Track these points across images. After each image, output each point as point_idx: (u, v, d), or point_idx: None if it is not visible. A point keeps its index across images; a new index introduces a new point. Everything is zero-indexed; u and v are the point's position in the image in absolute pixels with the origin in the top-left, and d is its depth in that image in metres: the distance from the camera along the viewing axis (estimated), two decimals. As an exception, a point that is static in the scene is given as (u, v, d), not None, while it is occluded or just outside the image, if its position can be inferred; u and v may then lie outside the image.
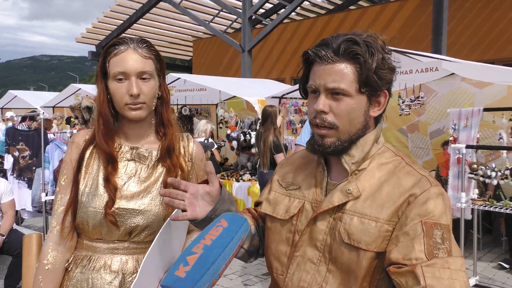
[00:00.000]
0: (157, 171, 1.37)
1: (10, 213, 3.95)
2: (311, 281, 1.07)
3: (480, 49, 9.27)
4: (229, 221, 0.85)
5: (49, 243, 1.34)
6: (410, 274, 0.93)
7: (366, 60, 1.01)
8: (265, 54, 13.84)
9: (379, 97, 1.08)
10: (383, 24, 11.21)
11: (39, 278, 1.31)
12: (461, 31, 9.77)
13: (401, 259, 0.95)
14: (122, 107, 1.32)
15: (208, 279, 0.76)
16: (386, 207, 1.02)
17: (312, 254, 1.09)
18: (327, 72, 1.04)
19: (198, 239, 0.81)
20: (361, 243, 1.01)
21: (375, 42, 1.04)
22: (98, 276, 1.29)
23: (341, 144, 1.06)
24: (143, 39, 1.38)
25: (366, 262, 1.01)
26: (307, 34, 12.92)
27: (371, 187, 1.05)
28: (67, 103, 9.82)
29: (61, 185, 1.37)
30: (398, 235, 0.98)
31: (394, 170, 1.07)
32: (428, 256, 0.93)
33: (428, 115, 6.44)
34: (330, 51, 1.04)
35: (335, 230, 1.05)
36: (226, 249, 0.80)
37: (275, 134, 4.91)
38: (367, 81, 1.03)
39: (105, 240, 1.32)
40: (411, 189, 1.01)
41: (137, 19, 14.31)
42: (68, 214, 1.33)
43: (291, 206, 1.15)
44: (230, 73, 14.15)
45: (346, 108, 1.04)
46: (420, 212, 0.98)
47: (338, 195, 1.07)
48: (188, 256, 0.77)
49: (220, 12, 14.41)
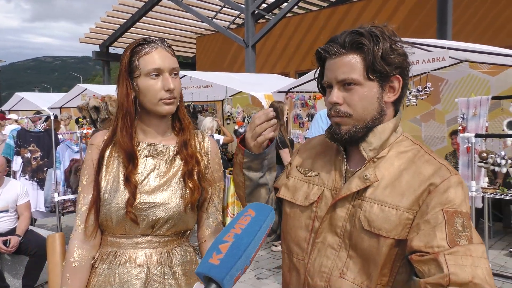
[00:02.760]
0: (175, 165, 1.41)
1: (26, 214, 4.01)
2: (332, 266, 1.10)
3: (486, 36, 9.19)
4: (256, 211, 0.87)
5: (74, 241, 1.37)
6: (433, 262, 0.94)
7: (371, 48, 1.05)
8: (269, 48, 13.82)
9: (392, 82, 1.10)
10: (387, 15, 11.14)
11: (66, 275, 1.35)
12: (467, 19, 9.69)
13: (423, 247, 0.96)
14: (155, 103, 1.35)
15: (240, 265, 0.78)
16: (407, 196, 1.03)
17: (333, 240, 1.11)
18: (337, 65, 1.09)
19: (228, 228, 0.84)
20: (382, 231, 1.03)
21: (381, 31, 1.07)
22: (125, 271, 1.33)
23: (356, 131, 1.09)
24: (164, 39, 1.42)
25: (386, 249, 1.03)
26: (310, 27, 12.88)
27: (390, 175, 1.07)
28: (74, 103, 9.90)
29: (83, 185, 1.41)
30: (419, 223, 1.00)
31: (413, 159, 1.08)
32: (450, 244, 0.95)
33: (445, 103, 6.49)
34: (337, 46, 1.09)
35: (355, 217, 1.08)
36: (256, 237, 0.82)
37: (280, 130, 4.93)
38: (374, 68, 1.06)
39: (129, 235, 1.36)
40: (431, 177, 1.03)
41: (140, 17, 14.33)
42: (92, 212, 1.36)
43: (311, 193, 1.18)
44: (234, 69, 14.15)
45: (358, 96, 1.07)
46: (441, 201, 0.99)
47: (356, 181, 1.09)
48: (221, 245, 0.80)
49: (222, 8, 14.39)
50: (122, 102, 1.37)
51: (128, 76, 1.37)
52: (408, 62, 1.11)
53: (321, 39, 12.49)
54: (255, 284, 4.25)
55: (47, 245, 1.50)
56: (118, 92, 1.39)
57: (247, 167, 1.20)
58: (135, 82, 1.36)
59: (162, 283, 1.35)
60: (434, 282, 0.92)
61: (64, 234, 1.58)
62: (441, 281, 0.91)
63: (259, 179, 1.20)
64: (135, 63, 1.35)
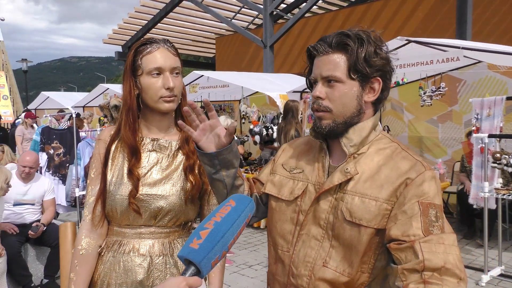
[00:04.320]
0: (177, 160, 1.48)
1: (51, 209, 4.27)
2: (316, 256, 1.17)
3: (508, 37, 9.02)
4: (236, 201, 0.94)
5: (82, 230, 1.46)
6: (409, 250, 1.02)
7: (355, 50, 1.12)
8: (287, 49, 13.86)
9: (373, 83, 1.17)
10: (406, 14, 11.04)
11: (75, 262, 1.44)
12: (487, 19, 9.53)
13: (400, 236, 1.04)
14: (156, 101, 1.42)
15: (218, 250, 0.86)
16: (385, 188, 1.11)
17: (316, 231, 1.18)
18: (323, 62, 1.17)
19: (209, 217, 0.91)
20: (362, 220, 1.10)
21: (367, 35, 1.15)
22: (129, 259, 1.41)
23: (336, 126, 1.17)
24: (168, 39, 1.49)
25: (366, 237, 1.10)
26: (328, 27, 12.87)
27: (370, 170, 1.15)
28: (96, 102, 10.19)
29: (91, 177, 1.50)
30: (396, 214, 1.08)
31: (391, 155, 1.16)
32: (424, 232, 1.02)
33: (462, 104, 6.44)
34: (325, 45, 1.17)
35: (338, 209, 1.15)
36: (234, 225, 0.90)
37: (296, 128, 4.98)
38: (356, 68, 1.13)
39: (133, 225, 1.43)
40: (408, 172, 1.10)
41: (161, 18, 14.57)
42: (98, 203, 1.44)
43: (295, 188, 1.25)
44: (252, 69, 14.24)
45: (339, 93, 1.15)
46: (417, 193, 1.07)
47: (338, 175, 1.16)
48: (201, 231, 0.87)
49: (241, 9, 14.51)
50: (125, 99, 1.45)
51: (132, 74, 1.45)
52: (391, 66, 1.18)
53: (340, 39, 12.45)
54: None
55: (60, 234, 1.59)
56: (122, 89, 1.47)
57: (201, 161, 1.24)
58: (138, 80, 1.43)
59: (164, 272, 1.42)
60: (410, 267, 1.00)
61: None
62: (417, 267, 0.99)
63: (212, 175, 1.23)
64: (138, 62, 1.42)
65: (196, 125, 1.22)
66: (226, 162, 1.21)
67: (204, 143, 1.21)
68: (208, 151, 1.20)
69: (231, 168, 1.24)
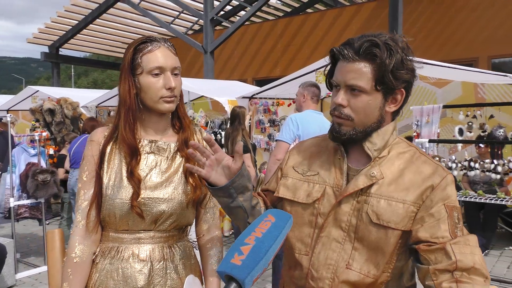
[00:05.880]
0: (176, 162, 1.43)
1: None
2: (337, 259, 1.18)
3: (432, 51, 9.84)
4: (276, 217, 0.92)
5: (75, 237, 1.37)
6: (441, 251, 1.07)
7: (383, 61, 1.11)
8: (227, 55, 13.91)
9: (396, 95, 1.18)
10: (341, 27, 11.62)
11: (68, 271, 1.34)
12: (414, 34, 10.31)
13: (429, 237, 1.09)
14: (156, 101, 1.37)
15: (260, 267, 0.83)
16: (412, 191, 1.14)
17: (337, 234, 1.19)
18: (348, 69, 1.15)
19: (248, 231, 0.88)
20: (390, 223, 1.13)
21: (396, 44, 1.13)
22: (128, 266, 1.34)
23: (355, 134, 1.18)
24: (167, 39, 1.45)
25: (394, 239, 1.14)
26: (268, 36, 13.13)
27: (393, 173, 1.17)
28: (22, 106, 9.43)
29: (83, 181, 1.40)
30: (423, 216, 1.12)
31: (411, 159, 1.20)
32: (452, 235, 1.08)
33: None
34: (352, 51, 1.14)
35: (362, 212, 1.16)
36: (276, 241, 0.87)
37: (242, 134, 5.01)
38: (383, 80, 1.12)
39: (131, 230, 1.37)
40: (432, 176, 1.15)
41: (94, 19, 13.90)
42: (93, 207, 1.37)
43: (313, 191, 1.24)
44: (191, 74, 14.08)
45: (362, 104, 1.15)
46: (443, 197, 1.13)
47: (363, 178, 1.17)
48: (242, 247, 0.84)
49: (180, 14, 14.31)
50: (124, 99, 1.38)
51: (130, 73, 1.38)
52: (415, 76, 1.18)
53: (278, 48, 12.78)
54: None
55: (47, 242, 1.49)
56: (120, 88, 1.40)
57: (216, 196, 1.21)
58: (136, 79, 1.38)
59: (164, 277, 1.37)
60: (443, 268, 1.05)
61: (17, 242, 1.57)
62: (449, 267, 1.04)
63: (230, 204, 1.19)
64: (138, 61, 1.37)
65: (203, 164, 1.19)
66: (241, 187, 1.18)
67: (215, 178, 1.18)
68: (220, 185, 1.17)
69: (246, 192, 1.20)
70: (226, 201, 1.19)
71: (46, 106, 6.83)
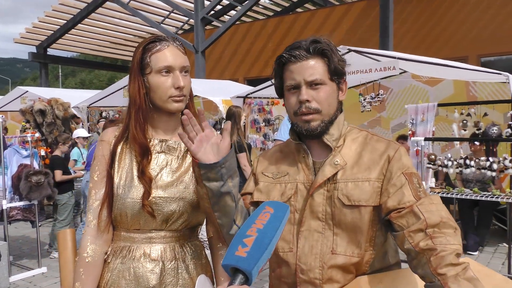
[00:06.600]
0: (186, 161, 1.43)
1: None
2: (322, 247, 1.24)
3: (421, 50, 9.93)
4: (274, 208, 0.93)
5: (87, 236, 1.36)
6: (410, 214, 1.14)
7: (331, 55, 1.26)
8: (217, 55, 13.87)
9: (342, 84, 1.33)
10: (331, 26, 11.67)
11: (80, 270, 1.34)
12: (403, 33, 10.42)
13: (397, 205, 1.17)
14: (165, 100, 1.37)
15: (264, 258, 0.84)
16: (373, 169, 1.25)
17: (316, 224, 1.25)
18: (304, 67, 1.25)
19: (249, 223, 0.88)
20: (361, 201, 1.22)
21: (330, 42, 1.30)
22: (139, 265, 1.34)
23: (325, 125, 1.27)
24: (177, 38, 1.44)
25: (367, 216, 1.22)
26: (258, 35, 13.13)
27: (352, 158, 1.28)
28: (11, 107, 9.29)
29: (94, 181, 1.40)
30: (387, 188, 1.21)
31: (365, 141, 1.31)
32: (416, 197, 1.17)
33: (390, 110, 6.96)
34: (303, 51, 1.25)
35: (334, 198, 1.24)
36: (277, 232, 0.88)
37: (238, 134, 5.01)
38: (336, 71, 1.27)
39: (143, 230, 1.37)
40: (387, 150, 1.26)
41: (82, 19, 13.75)
42: (104, 207, 1.36)
43: (286, 190, 1.31)
44: (182, 74, 13.99)
45: (325, 94, 1.26)
46: (400, 166, 1.22)
47: (328, 168, 1.27)
48: (245, 239, 0.85)
49: (170, 13, 14.22)
50: (134, 98, 1.38)
51: (140, 73, 1.38)
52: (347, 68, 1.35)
53: (269, 47, 12.78)
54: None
55: (58, 242, 1.48)
56: (129, 88, 1.40)
57: (206, 178, 1.18)
58: (146, 78, 1.37)
59: (176, 277, 1.37)
60: (415, 228, 1.12)
61: (9, 244, 1.55)
62: (421, 226, 1.11)
63: (221, 188, 1.19)
64: (147, 60, 1.36)
65: (193, 136, 1.18)
66: (231, 169, 1.20)
67: (203, 155, 1.18)
68: (208, 162, 1.17)
69: (235, 177, 1.23)
70: (216, 186, 1.18)
71: (36, 107, 6.72)
